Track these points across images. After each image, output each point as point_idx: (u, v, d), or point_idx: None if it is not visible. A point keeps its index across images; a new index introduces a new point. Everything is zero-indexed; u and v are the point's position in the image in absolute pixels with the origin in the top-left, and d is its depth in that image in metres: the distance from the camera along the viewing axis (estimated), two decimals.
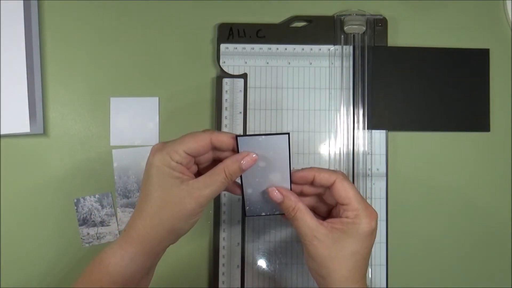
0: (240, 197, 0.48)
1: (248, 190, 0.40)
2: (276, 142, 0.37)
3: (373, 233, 0.38)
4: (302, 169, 0.39)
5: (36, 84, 0.48)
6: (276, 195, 0.39)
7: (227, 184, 0.37)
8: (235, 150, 0.37)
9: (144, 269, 0.37)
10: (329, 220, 0.38)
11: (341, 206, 0.38)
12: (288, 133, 0.37)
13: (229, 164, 0.37)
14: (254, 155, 0.37)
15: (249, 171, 0.38)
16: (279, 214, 0.41)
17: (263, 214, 0.41)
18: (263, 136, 0.37)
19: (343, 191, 0.38)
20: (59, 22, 0.49)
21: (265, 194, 0.39)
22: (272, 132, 0.46)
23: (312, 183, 0.39)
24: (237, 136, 0.37)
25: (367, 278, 0.47)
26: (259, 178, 0.39)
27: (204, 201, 0.36)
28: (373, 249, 0.47)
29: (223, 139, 0.37)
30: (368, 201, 0.48)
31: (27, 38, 0.47)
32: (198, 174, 0.39)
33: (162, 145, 0.38)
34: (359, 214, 0.37)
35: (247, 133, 0.47)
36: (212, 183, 0.37)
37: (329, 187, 0.39)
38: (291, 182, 0.39)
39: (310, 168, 0.39)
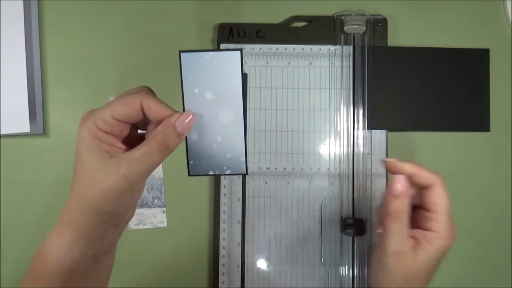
0: (240, 196, 0.48)
1: (192, 136, 0.32)
2: (228, 62, 0.31)
3: (447, 251, 0.35)
4: (402, 160, 0.35)
5: (36, 84, 0.48)
6: (398, 187, 0.34)
7: (165, 155, 0.31)
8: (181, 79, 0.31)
9: (86, 257, 0.32)
10: (410, 231, 0.35)
11: (424, 211, 0.35)
12: (241, 49, 0.31)
13: (162, 130, 0.31)
14: (191, 115, 0.31)
15: (193, 105, 0.31)
16: (232, 174, 0.34)
17: (211, 173, 0.33)
18: (211, 53, 0.31)
19: (439, 198, 0.34)
20: (59, 22, 0.49)
21: (213, 141, 0.32)
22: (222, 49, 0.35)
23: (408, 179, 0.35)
24: (180, 51, 0.31)
25: (366, 278, 0.47)
26: (206, 118, 0.32)
27: (135, 177, 0.30)
28: (373, 249, 0.47)
29: (152, 106, 0.31)
30: (368, 201, 0.48)
31: (27, 38, 0.47)
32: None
33: (90, 113, 0.32)
34: (443, 228, 0.34)
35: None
36: (144, 156, 0.30)
37: (423, 188, 0.35)
38: (245, 126, 0.32)
39: (412, 162, 0.35)
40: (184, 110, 0.32)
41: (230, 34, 0.49)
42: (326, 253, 0.48)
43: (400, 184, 0.34)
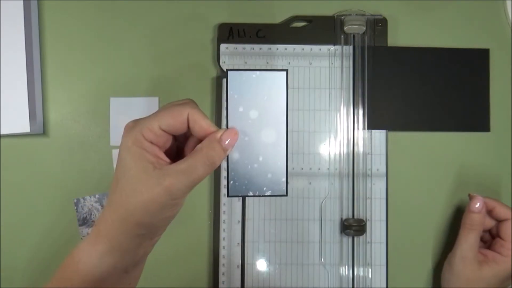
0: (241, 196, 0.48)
1: (234, 156, 0.32)
2: (274, 81, 0.31)
3: (510, 278, 0.42)
4: (484, 196, 0.44)
5: (36, 84, 0.48)
6: (475, 206, 0.43)
7: (210, 170, 0.31)
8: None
9: (117, 269, 0.32)
10: (484, 250, 0.44)
11: (500, 240, 0.43)
12: (287, 70, 0.31)
13: (208, 145, 0.31)
14: (236, 131, 0.31)
15: (237, 123, 0.31)
16: (272, 196, 0.33)
17: (251, 194, 0.33)
18: (258, 72, 0.31)
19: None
20: (59, 22, 0.49)
21: (255, 160, 0.32)
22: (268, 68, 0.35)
23: (489, 212, 0.44)
24: (227, 70, 0.31)
25: (367, 279, 0.47)
26: (249, 137, 0.32)
27: (177, 191, 0.30)
28: (373, 249, 0.47)
29: (197, 119, 0.31)
30: (368, 201, 0.48)
31: (27, 38, 0.47)
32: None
33: (135, 122, 0.31)
34: (511, 255, 0.42)
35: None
36: (189, 169, 0.30)
37: (500, 221, 0.44)
38: (287, 145, 0.32)
39: (493, 198, 0.44)
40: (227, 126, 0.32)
41: (230, 34, 0.49)
42: (326, 253, 0.48)
43: (477, 203, 0.43)
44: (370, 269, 0.48)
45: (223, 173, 0.48)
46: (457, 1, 0.50)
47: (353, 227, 0.47)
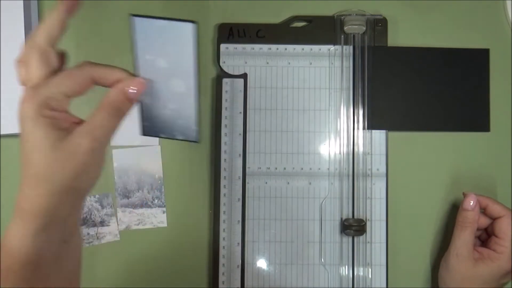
0: (240, 196, 0.48)
1: (146, 100, 0.33)
2: (181, 33, 0.31)
3: (508, 274, 0.43)
4: (478, 194, 0.44)
5: None
6: (468, 204, 0.43)
7: (121, 118, 0.32)
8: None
9: (53, 242, 0.31)
10: (479, 248, 0.44)
11: (494, 238, 0.43)
12: (196, 22, 0.31)
13: (113, 97, 0.31)
14: (142, 80, 0.32)
15: (145, 70, 0.32)
16: (183, 140, 0.35)
17: (162, 136, 0.35)
18: (165, 21, 0.31)
19: (506, 227, 0.42)
20: None
21: (165, 107, 0.33)
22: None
23: (483, 210, 0.44)
24: (132, 15, 0.32)
25: (367, 279, 0.47)
26: (159, 84, 0.33)
27: (99, 146, 0.31)
28: (373, 249, 0.47)
29: (104, 72, 0.32)
30: (368, 201, 0.48)
31: (27, 38, 0.47)
32: None
33: (34, 91, 0.30)
34: (506, 252, 0.42)
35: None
36: (102, 122, 0.31)
37: (495, 219, 0.44)
38: (198, 97, 0.33)
39: (486, 196, 0.44)
40: (135, 75, 0.32)
41: (230, 34, 0.49)
42: (326, 253, 0.48)
43: (471, 201, 0.43)
44: (370, 269, 0.48)
45: (223, 173, 0.48)
46: (457, 1, 0.50)
47: (353, 227, 0.47)
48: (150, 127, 0.34)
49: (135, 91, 0.32)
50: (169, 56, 0.32)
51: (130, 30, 0.32)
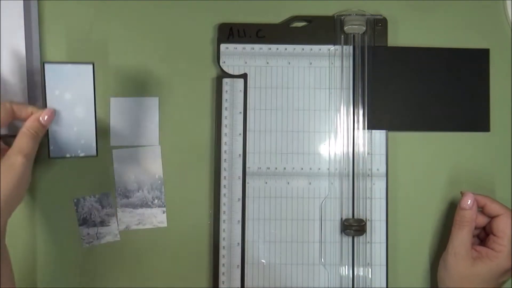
0: (240, 196, 0.48)
1: (53, 127, 0.42)
2: (83, 71, 0.42)
3: (507, 273, 0.43)
4: (476, 193, 0.44)
5: (36, 84, 0.48)
6: (465, 203, 0.43)
7: (37, 141, 0.41)
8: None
9: None
10: (478, 247, 0.44)
11: (493, 236, 0.43)
12: (93, 63, 0.42)
13: (30, 124, 0.41)
14: (52, 110, 0.42)
15: (54, 102, 0.42)
16: (85, 157, 0.44)
17: (68, 155, 0.43)
18: (69, 65, 0.42)
19: (504, 225, 0.43)
20: (59, 22, 0.49)
21: (70, 131, 0.43)
22: (77, 61, 0.46)
23: (482, 209, 0.44)
24: (44, 62, 0.42)
25: (367, 279, 0.47)
26: (64, 113, 0.42)
27: (24, 166, 0.39)
28: (373, 249, 0.47)
29: (21, 108, 0.42)
30: (368, 201, 0.48)
31: (27, 38, 0.47)
32: None
33: None
34: (504, 251, 0.42)
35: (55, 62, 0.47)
36: (27, 143, 0.40)
37: (493, 217, 0.44)
38: (95, 119, 0.43)
39: (484, 195, 0.44)
40: (46, 107, 0.42)
41: (230, 34, 0.49)
42: (326, 253, 0.48)
43: (468, 200, 0.43)
44: (370, 269, 0.48)
45: (223, 173, 0.48)
46: (457, 1, 0.50)
47: (353, 227, 0.47)
48: (56, 150, 0.43)
49: (46, 118, 0.41)
50: (73, 89, 0.42)
51: (41, 74, 0.44)
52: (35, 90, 0.48)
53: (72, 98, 0.42)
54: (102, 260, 0.48)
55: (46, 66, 0.41)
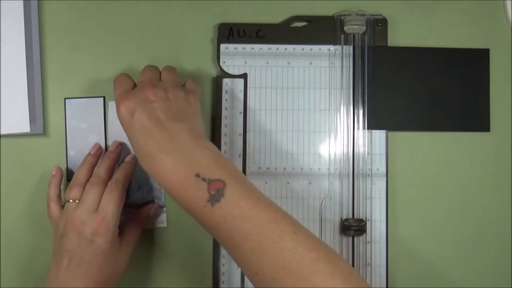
0: None
1: (71, 152, 0.48)
2: (95, 103, 0.47)
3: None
4: None
5: (36, 84, 0.48)
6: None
7: (124, 192, 0.43)
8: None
9: None
10: None
11: None
12: (104, 97, 0.47)
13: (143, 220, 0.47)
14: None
15: (71, 132, 0.48)
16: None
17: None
18: (85, 99, 0.48)
19: None
20: (59, 22, 0.49)
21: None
22: (90, 96, 0.49)
23: None
24: (65, 98, 0.48)
25: (367, 279, 0.47)
26: (81, 141, 0.48)
27: (114, 230, 0.42)
28: (373, 249, 0.47)
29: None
30: (368, 201, 0.48)
31: (27, 38, 0.47)
32: None
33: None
34: None
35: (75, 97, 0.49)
36: (134, 239, 0.46)
37: None
38: (106, 144, 0.48)
39: None
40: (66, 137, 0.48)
41: (230, 34, 0.49)
42: None
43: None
44: (370, 269, 0.48)
45: None
46: (457, 1, 0.50)
47: (353, 227, 0.47)
48: (73, 173, 0.46)
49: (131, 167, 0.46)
50: (87, 120, 0.48)
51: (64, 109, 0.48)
52: (34, 90, 0.48)
53: (87, 127, 0.48)
54: None
55: (67, 101, 0.48)
